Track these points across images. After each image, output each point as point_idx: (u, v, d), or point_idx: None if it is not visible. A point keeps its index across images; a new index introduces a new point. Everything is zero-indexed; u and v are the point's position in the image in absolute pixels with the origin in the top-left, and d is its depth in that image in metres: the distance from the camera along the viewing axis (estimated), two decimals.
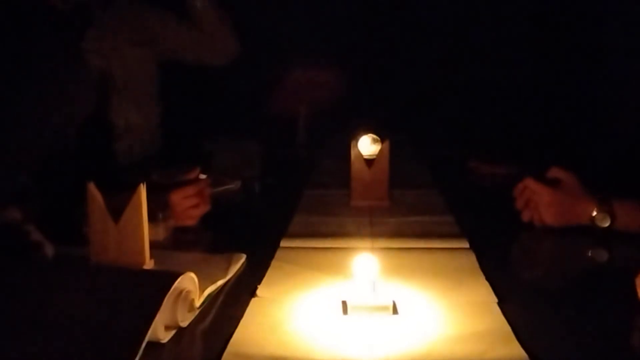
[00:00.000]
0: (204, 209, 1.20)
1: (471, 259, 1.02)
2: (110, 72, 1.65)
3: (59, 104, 1.52)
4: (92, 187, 0.90)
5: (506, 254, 1.09)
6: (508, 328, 0.76)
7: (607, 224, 1.11)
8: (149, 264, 0.89)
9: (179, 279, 0.73)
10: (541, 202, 1.16)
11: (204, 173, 1.20)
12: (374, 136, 1.41)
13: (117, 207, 0.90)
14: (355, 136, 1.41)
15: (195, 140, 1.69)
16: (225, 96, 2.32)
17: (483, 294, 0.87)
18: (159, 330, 0.71)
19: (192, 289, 0.78)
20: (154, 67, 1.80)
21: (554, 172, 1.20)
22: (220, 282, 0.90)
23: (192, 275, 0.78)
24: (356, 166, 1.37)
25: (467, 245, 1.09)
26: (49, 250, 0.97)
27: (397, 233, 1.17)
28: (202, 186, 1.18)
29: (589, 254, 1.11)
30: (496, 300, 0.85)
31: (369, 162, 1.37)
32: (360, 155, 1.38)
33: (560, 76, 2.19)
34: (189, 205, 1.15)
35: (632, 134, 1.57)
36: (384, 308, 0.80)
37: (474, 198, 1.51)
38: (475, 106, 2.36)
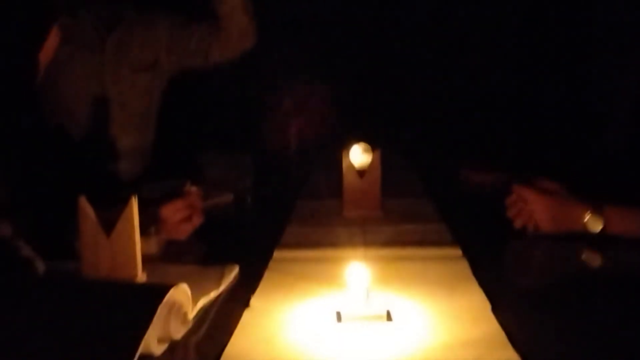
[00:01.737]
0: (196, 222, 1.19)
1: (464, 266, 1.02)
2: (108, 96, 1.63)
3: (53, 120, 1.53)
4: (83, 201, 0.89)
5: (499, 261, 1.09)
6: (502, 334, 0.76)
7: (599, 228, 1.11)
8: (141, 277, 0.88)
9: (171, 291, 0.73)
10: (535, 208, 1.17)
11: (195, 185, 1.20)
12: (365, 145, 1.41)
13: (109, 220, 0.89)
14: (346, 146, 1.41)
15: (187, 154, 1.69)
16: (216, 108, 2.32)
17: (477, 301, 0.87)
18: (152, 344, 0.71)
19: (185, 301, 0.77)
20: (156, 89, 1.77)
21: (541, 184, 1.20)
22: (213, 294, 0.90)
23: (185, 287, 0.78)
24: (348, 177, 1.37)
25: (459, 253, 1.09)
26: (40, 265, 0.96)
27: (390, 242, 1.17)
28: (193, 199, 1.18)
29: (582, 259, 1.11)
30: (490, 306, 0.85)
31: (361, 172, 1.38)
32: (352, 165, 1.38)
33: (549, 83, 2.21)
34: (180, 218, 1.15)
35: (623, 141, 1.58)
36: (378, 317, 0.80)
37: (465, 206, 1.51)
38: (465, 115, 2.37)
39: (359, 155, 1.40)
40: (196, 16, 1.78)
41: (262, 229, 1.34)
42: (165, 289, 0.73)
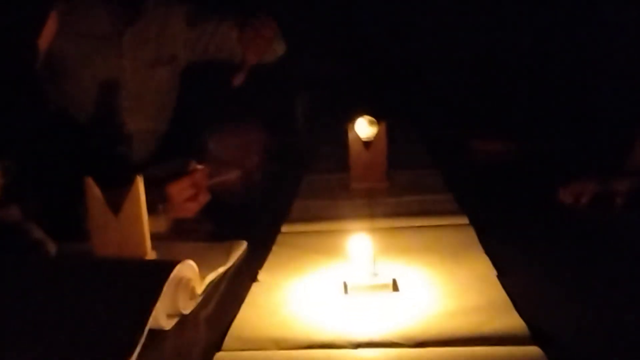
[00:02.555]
0: (203, 199, 1.20)
1: (470, 235, 1.02)
2: (121, 86, 1.62)
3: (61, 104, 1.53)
4: (90, 182, 0.90)
5: (506, 229, 1.08)
6: (507, 300, 0.76)
7: None
8: (150, 255, 0.90)
9: (177, 267, 0.74)
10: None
11: (200, 163, 1.21)
12: (371, 118, 1.41)
13: (116, 200, 0.91)
14: (352, 119, 1.41)
15: (193, 131, 1.69)
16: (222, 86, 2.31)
17: (482, 268, 0.88)
18: (161, 318, 0.72)
19: (192, 276, 0.79)
20: (174, 82, 1.74)
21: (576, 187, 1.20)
22: (221, 269, 0.91)
23: (192, 262, 0.79)
24: (354, 149, 1.37)
25: (466, 221, 1.09)
26: (51, 247, 0.98)
27: (396, 213, 1.17)
28: (199, 177, 1.18)
29: (589, 228, 1.11)
30: (496, 273, 0.85)
31: (367, 144, 1.38)
32: (358, 137, 1.38)
33: (557, 50, 2.18)
34: (187, 196, 1.16)
35: (630, 105, 1.56)
36: (384, 286, 0.80)
37: (472, 176, 1.51)
38: (471, 84, 2.35)
39: (364, 128, 1.40)
40: (220, 12, 1.73)
41: (270, 204, 1.35)
42: (172, 265, 0.74)
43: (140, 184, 0.89)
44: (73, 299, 0.72)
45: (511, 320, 0.71)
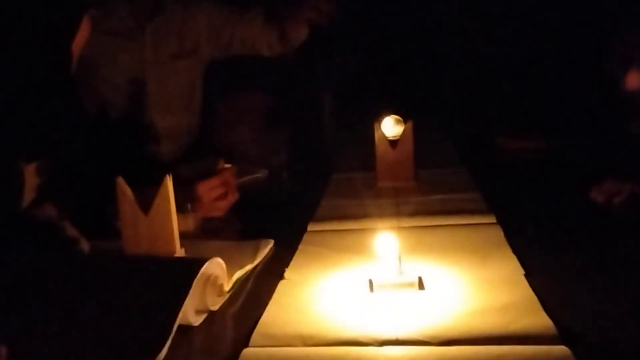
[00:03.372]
0: (232, 198, 1.22)
1: (498, 234, 1.01)
2: (148, 83, 1.64)
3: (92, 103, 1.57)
4: (121, 182, 0.92)
5: (534, 229, 1.07)
6: (535, 299, 0.76)
7: None
8: (179, 253, 0.92)
9: (206, 265, 0.76)
10: None
11: (228, 162, 1.22)
12: (397, 117, 1.40)
13: (146, 200, 0.92)
14: (378, 118, 1.41)
15: (221, 131, 1.71)
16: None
17: (510, 267, 0.87)
18: (190, 315, 0.74)
19: (220, 274, 0.80)
20: (197, 76, 1.75)
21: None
22: (248, 267, 0.93)
23: (220, 260, 0.80)
24: (381, 148, 1.38)
25: (494, 220, 1.08)
26: (85, 245, 1.01)
27: (423, 211, 1.17)
28: (228, 176, 1.20)
29: (620, 228, 1.09)
30: (523, 272, 0.85)
31: (394, 143, 1.38)
32: (384, 136, 1.38)
33: (587, 47, 2.13)
34: (216, 196, 1.17)
35: None
36: (409, 284, 0.80)
37: (500, 174, 1.50)
38: (500, 81, 2.32)
39: (391, 127, 1.40)
40: (242, 5, 1.75)
41: (297, 203, 1.35)
42: (201, 263, 0.76)
43: (169, 183, 0.91)
44: (106, 294, 0.74)
45: (539, 320, 0.70)
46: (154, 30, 1.63)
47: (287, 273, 0.90)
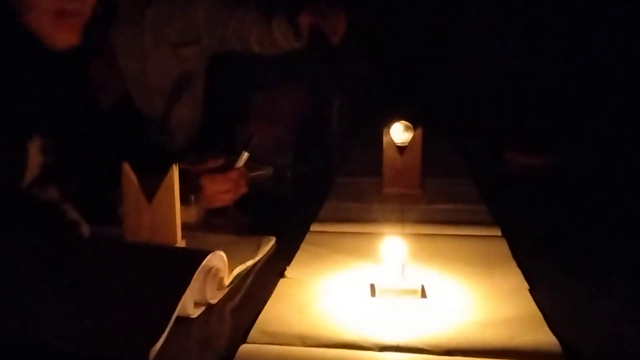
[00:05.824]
0: (241, 190, 1.21)
1: (503, 246, 1.00)
2: (150, 70, 1.64)
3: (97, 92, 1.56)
4: (126, 167, 0.91)
5: (539, 243, 1.06)
6: (539, 314, 0.75)
7: None
8: (180, 244, 0.90)
9: (208, 257, 0.74)
10: None
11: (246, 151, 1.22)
12: (407, 123, 1.39)
13: (151, 188, 0.91)
14: (387, 124, 1.40)
15: (229, 127, 1.70)
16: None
17: (514, 281, 0.86)
18: (189, 306, 0.72)
19: (221, 267, 0.79)
20: (198, 64, 1.76)
21: None
22: (249, 263, 0.91)
23: (222, 253, 0.79)
24: (388, 154, 1.36)
25: (499, 233, 1.07)
26: (85, 229, 1.00)
27: (428, 219, 1.16)
28: (236, 175, 1.20)
29: (626, 244, 1.08)
30: (527, 287, 0.83)
31: (401, 149, 1.36)
32: (393, 142, 1.37)
33: (597, 65, 2.13)
34: (220, 190, 1.17)
35: None
36: (412, 292, 0.79)
37: (507, 188, 1.49)
38: (511, 95, 2.32)
39: (400, 133, 1.39)
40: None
41: (301, 203, 1.34)
42: (204, 254, 0.74)
43: (175, 173, 0.90)
44: (104, 281, 0.73)
45: (542, 335, 0.69)
46: (153, 16, 1.63)
47: (288, 271, 0.89)
